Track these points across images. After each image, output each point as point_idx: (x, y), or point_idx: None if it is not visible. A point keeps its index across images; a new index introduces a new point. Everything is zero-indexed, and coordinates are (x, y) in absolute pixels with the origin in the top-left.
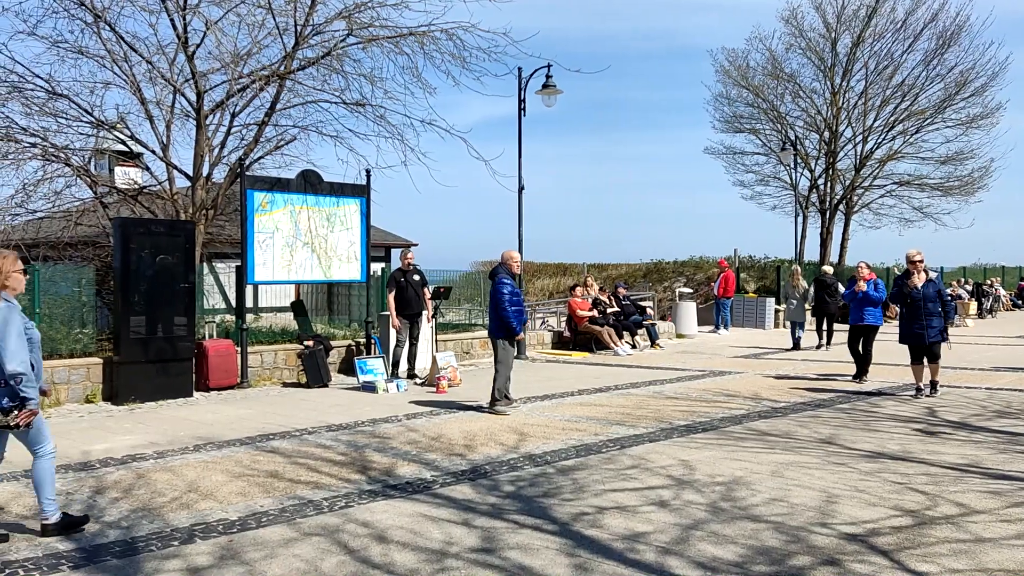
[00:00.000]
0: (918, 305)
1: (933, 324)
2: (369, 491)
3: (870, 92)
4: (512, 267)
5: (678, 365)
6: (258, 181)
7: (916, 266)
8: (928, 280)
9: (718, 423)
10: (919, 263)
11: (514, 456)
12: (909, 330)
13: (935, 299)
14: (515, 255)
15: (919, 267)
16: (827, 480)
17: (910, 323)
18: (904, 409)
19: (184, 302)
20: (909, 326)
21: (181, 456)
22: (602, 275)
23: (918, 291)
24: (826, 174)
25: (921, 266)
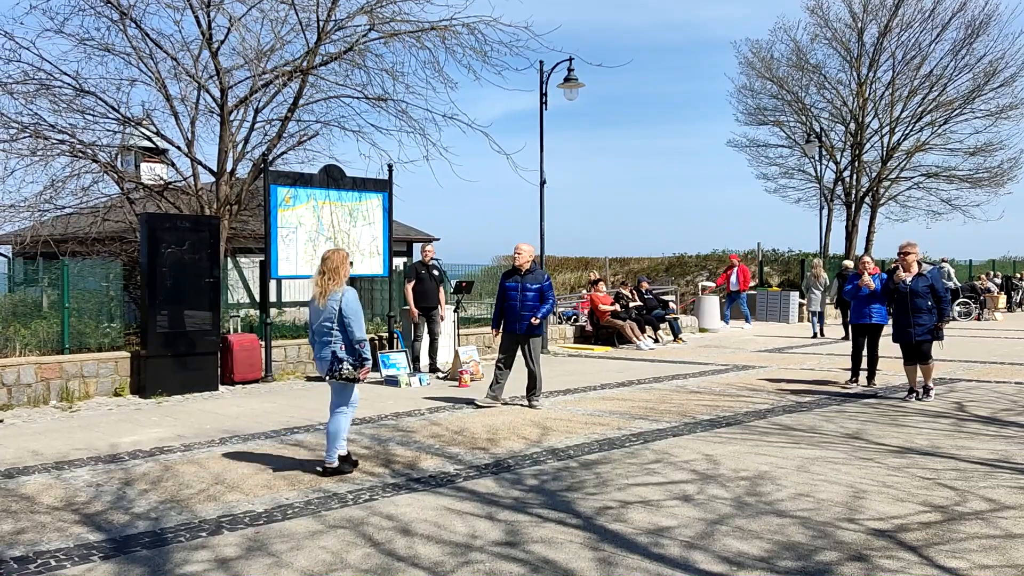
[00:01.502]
0: (905, 301)
1: (921, 321)
2: (393, 484)
3: (897, 82)
4: (515, 260)
5: (701, 359)
6: (281, 176)
7: (904, 259)
8: (919, 274)
9: (742, 417)
10: (908, 256)
11: (537, 450)
12: (898, 327)
13: (925, 295)
14: (518, 247)
15: (908, 260)
16: (854, 475)
17: (898, 320)
18: (932, 404)
19: (209, 297)
20: (898, 323)
21: (207, 448)
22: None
23: (905, 285)
24: (852, 166)
25: (911, 259)
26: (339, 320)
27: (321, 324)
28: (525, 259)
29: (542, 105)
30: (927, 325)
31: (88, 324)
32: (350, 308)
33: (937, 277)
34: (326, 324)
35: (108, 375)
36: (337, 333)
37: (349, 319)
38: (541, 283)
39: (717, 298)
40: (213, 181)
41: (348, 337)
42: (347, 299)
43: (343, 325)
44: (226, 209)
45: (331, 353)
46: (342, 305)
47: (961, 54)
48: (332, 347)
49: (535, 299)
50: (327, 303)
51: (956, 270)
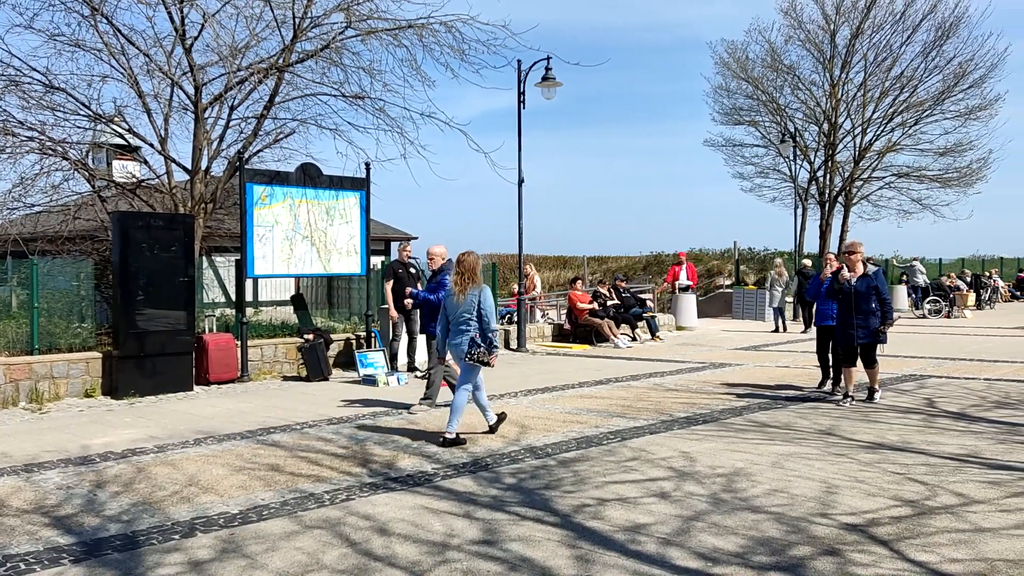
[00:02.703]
0: (849, 302)
1: (864, 324)
2: (370, 484)
3: (869, 84)
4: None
5: (678, 357)
6: (257, 174)
7: (849, 258)
8: (863, 275)
9: (718, 415)
10: (853, 255)
11: (515, 448)
12: (840, 329)
13: (869, 296)
14: (429, 250)
15: (854, 260)
16: (827, 471)
17: (841, 321)
18: (903, 400)
19: (183, 296)
20: (841, 324)
21: (181, 450)
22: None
23: (849, 285)
24: (825, 166)
25: (857, 258)
26: (477, 312)
27: (460, 315)
28: (436, 263)
29: (520, 104)
30: (870, 327)
31: (58, 324)
32: (487, 303)
33: (882, 279)
34: (464, 315)
35: (79, 376)
36: (474, 323)
37: (486, 312)
38: (438, 283)
39: (694, 296)
40: (187, 179)
41: (483, 327)
42: (485, 295)
43: (480, 317)
44: (201, 207)
45: (469, 339)
46: (481, 300)
47: (931, 56)
48: (470, 334)
49: (431, 291)
50: (466, 298)
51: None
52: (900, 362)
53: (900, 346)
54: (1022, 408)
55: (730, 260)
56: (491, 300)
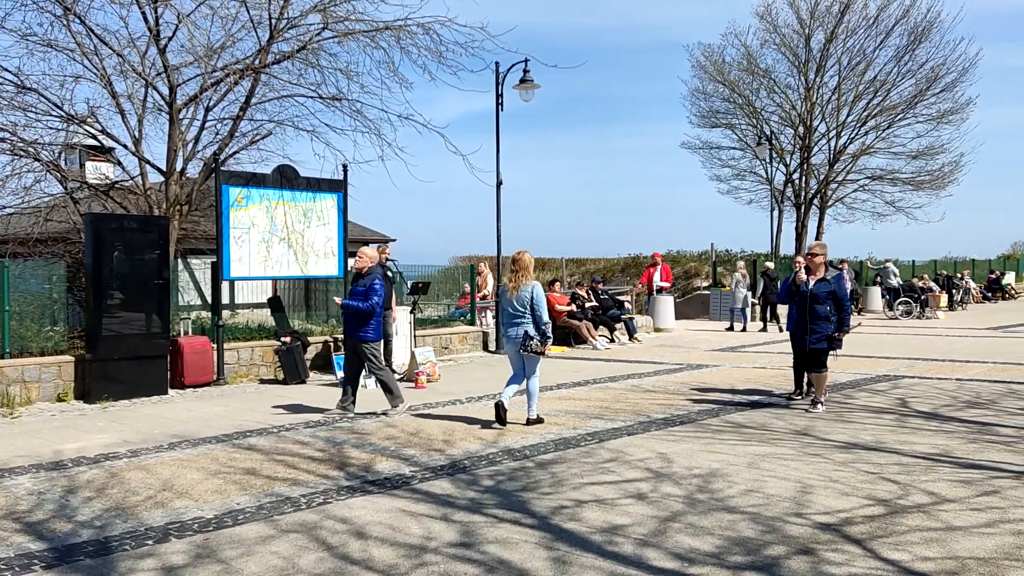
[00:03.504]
0: (805, 305)
1: (818, 328)
2: (348, 487)
3: (843, 88)
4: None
5: (656, 359)
6: (233, 176)
7: (812, 260)
8: (822, 279)
9: (695, 416)
10: (816, 258)
11: (493, 450)
12: (795, 333)
13: (826, 301)
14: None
15: (817, 262)
16: (802, 471)
17: (796, 325)
18: (877, 400)
19: (158, 298)
20: (795, 328)
21: (156, 454)
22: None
23: (806, 287)
24: (801, 169)
25: (818, 261)
26: (530, 306)
27: (515, 309)
28: (363, 263)
29: (498, 106)
30: (823, 332)
31: (30, 327)
32: (539, 298)
33: (841, 284)
34: (519, 309)
35: (51, 380)
36: (528, 317)
37: (538, 306)
38: (366, 287)
39: (671, 298)
40: (162, 181)
41: (536, 319)
42: (536, 291)
43: (533, 310)
44: (176, 209)
45: (524, 332)
46: (533, 295)
47: (904, 60)
48: (524, 327)
49: (359, 298)
50: (519, 294)
51: (900, 270)
52: (874, 362)
53: (874, 347)
54: (993, 408)
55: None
56: (542, 295)
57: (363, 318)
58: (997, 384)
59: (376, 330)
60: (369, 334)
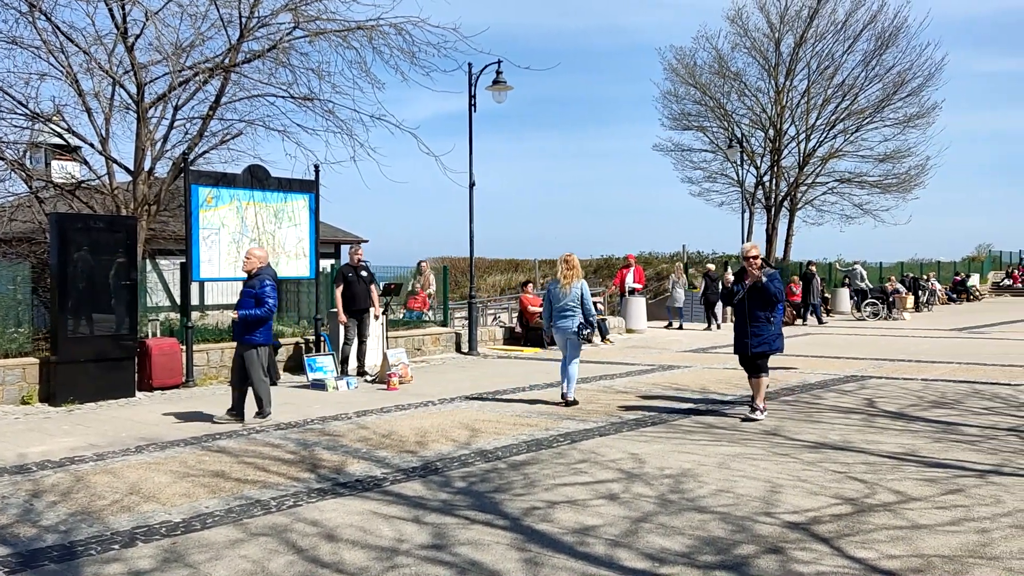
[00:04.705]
0: (743, 309)
1: (759, 332)
2: (318, 489)
3: (812, 91)
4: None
5: (628, 360)
6: (203, 176)
7: (752, 263)
8: (756, 280)
9: (667, 416)
10: (755, 259)
11: (465, 452)
12: (735, 336)
13: (765, 302)
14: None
15: (753, 264)
16: (771, 471)
17: (736, 328)
18: (845, 401)
19: (125, 299)
20: (736, 332)
21: (122, 457)
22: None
23: (740, 289)
24: (771, 171)
25: (756, 263)
26: (580, 301)
27: (565, 304)
28: (252, 264)
29: (471, 107)
30: (765, 336)
31: None
32: (587, 294)
33: (776, 280)
34: (570, 304)
35: (15, 382)
36: (577, 309)
37: (587, 300)
38: (256, 288)
39: (644, 300)
40: (130, 180)
41: (585, 312)
42: (584, 287)
43: (582, 304)
44: (144, 209)
45: (577, 323)
46: (583, 291)
47: (871, 65)
48: (575, 319)
49: (250, 305)
50: (570, 290)
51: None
52: (842, 363)
53: (842, 348)
54: (958, 408)
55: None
56: (588, 290)
57: (254, 322)
58: (962, 384)
59: (265, 333)
60: (258, 337)
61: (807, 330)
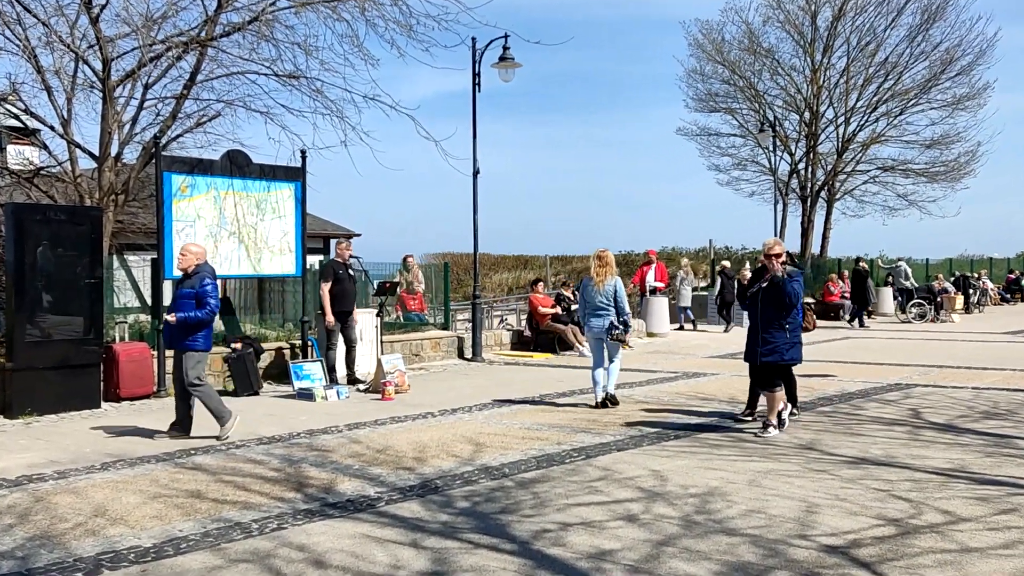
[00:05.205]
0: (755, 311)
1: (772, 338)
2: (306, 510)
3: (852, 70)
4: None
5: (649, 366)
6: (176, 162)
7: (774, 261)
8: (771, 279)
9: (692, 429)
10: (778, 257)
11: (469, 469)
12: (747, 343)
13: (780, 305)
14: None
15: (775, 262)
16: (807, 489)
17: (748, 332)
18: (887, 411)
19: (90, 300)
20: (748, 337)
21: (87, 475)
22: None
23: (758, 288)
24: (807, 158)
25: (778, 261)
26: (614, 299)
27: (599, 302)
28: (188, 261)
29: (475, 86)
30: (780, 343)
31: None
32: (621, 292)
33: (796, 281)
34: (603, 302)
35: None
36: (611, 308)
37: (621, 299)
38: (195, 288)
39: (666, 300)
40: (95, 167)
41: (618, 311)
42: (618, 284)
43: (616, 302)
44: (111, 199)
45: (608, 322)
46: (616, 288)
47: (917, 41)
48: (609, 318)
49: (189, 307)
50: (604, 287)
51: (913, 269)
52: (885, 370)
53: (885, 353)
54: (1012, 419)
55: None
56: (623, 288)
57: (193, 325)
58: (1017, 393)
59: (206, 338)
60: (198, 342)
61: (846, 333)
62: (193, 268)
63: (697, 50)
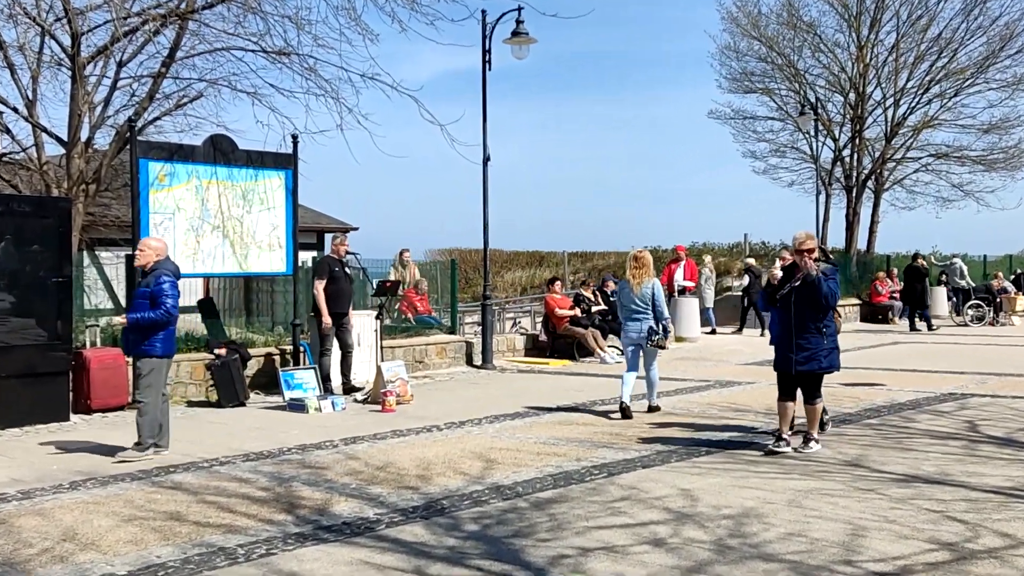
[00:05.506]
0: (788, 314)
1: (807, 344)
2: (297, 534)
3: (902, 46)
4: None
5: (677, 374)
6: (154, 148)
7: (802, 256)
8: (804, 276)
9: (725, 443)
10: (807, 252)
11: (478, 488)
12: (778, 350)
13: (816, 305)
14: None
15: (806, 258)
16: (853, 509)
17: (779, 338)
18: (941, 424)
19: (57, 300)
20: (778, 343)
21: (54, 496)
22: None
23: (789, 288)
24: (852, 144)
25: (810, 256)
26: (651, 302)
27: (635, 305)
28: (146, 257)
29: (485, 65)
30: (816, 349)
31: None
32: (659, 294)
33: (832, 280)
34: (640, 305)
35: None
36: (649, 312)
37: (659, 302)
38: (151, 286)
39: (696, 301)
40: (63, 153)
41: (656, 314)
42: (656, 287)
43: (654, 306)
44: (80, 189)
45: (648, 327)
46: (654, 291)
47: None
48: (647, 322)
49: (143, 308)
50: (641, 290)
51: (969, 267)
52: (938, 378)
53: (938, 359)
54: None
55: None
56: (661, 291)
57: (149, 328)
58: None
59: (165, 343)
60: (155, 347)
61: (895, 338)
62: (151, 265)
63: (731, 24)
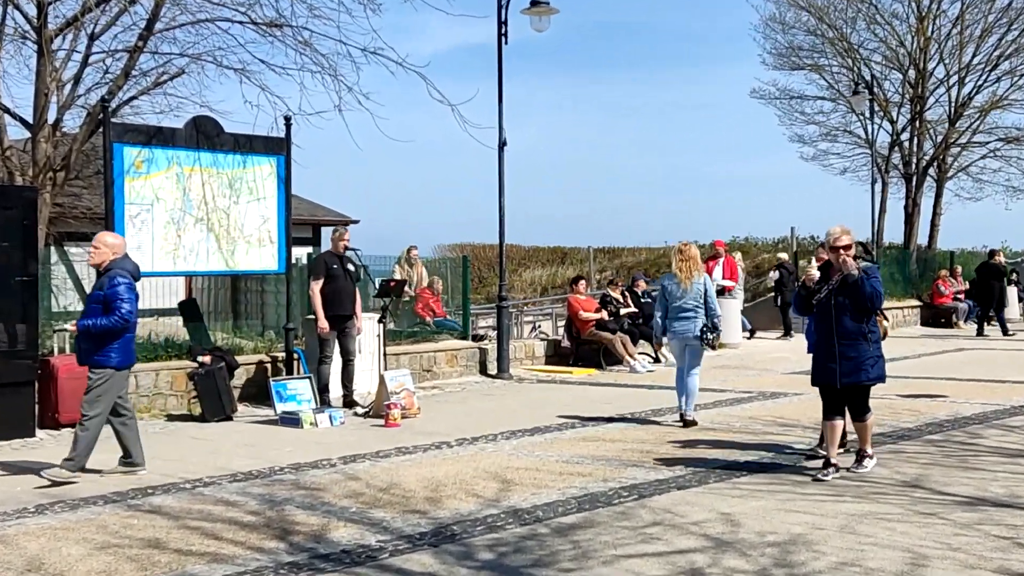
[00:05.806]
0: (828, 319)
1: (851, 352)
2: (290, 563)
3: (967, 18)
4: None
5: (716, 385)
6: (130, 131)
7: (839, 254)
8: (844, 277)
9: (769, 462)
10: (840, 252)
11: (494, 512)
12: (817, 361)
13: (855, 309)
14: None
15: (844, 256)
16: (913, 536)
17: (817, 347)
18: (1011, 440)
19: (22, 302)
20: (816, 352)
21: (18, 521)
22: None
23: (827, 292)
24: (912, 126)
25: (847, 255)
26: (704, 299)
27: (686, 302)
28: (101, 256)
29: (501, 38)
30: (863, 358)
31: None
32: (711, 290)
33: (875, 278)
34: (691, 302)
35: None
36: (700, 309)
37: (711, 298)
38: (104, 289)
39: (737, 303)
40: (27, 137)
41: (709, 312)
42: (708, 282)
43: (707, 303)
44: (48, 177)
45: (702, 326)
46: (706, 286)
47: None
48: (698, 320)
49: (96, 313)
50: (692, 285)
51: None
52: (1007, 390)
53: (1008, 367)
54: None
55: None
56: (712, 286)
57: (103, 336)
58: None
59: (122, 351)
60: (110, 358)
61: (960, 343)
62: (106, 264)
63: None
